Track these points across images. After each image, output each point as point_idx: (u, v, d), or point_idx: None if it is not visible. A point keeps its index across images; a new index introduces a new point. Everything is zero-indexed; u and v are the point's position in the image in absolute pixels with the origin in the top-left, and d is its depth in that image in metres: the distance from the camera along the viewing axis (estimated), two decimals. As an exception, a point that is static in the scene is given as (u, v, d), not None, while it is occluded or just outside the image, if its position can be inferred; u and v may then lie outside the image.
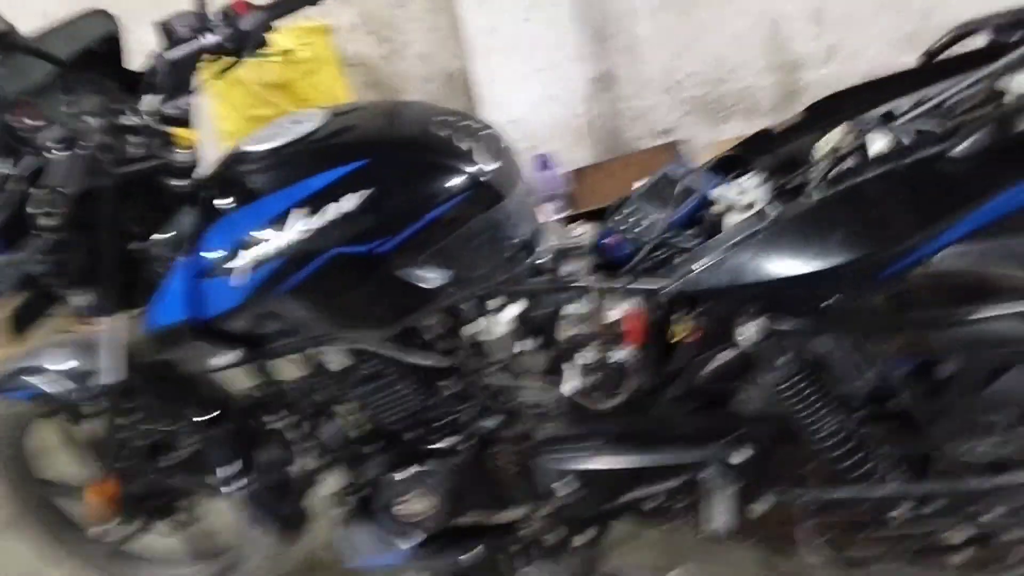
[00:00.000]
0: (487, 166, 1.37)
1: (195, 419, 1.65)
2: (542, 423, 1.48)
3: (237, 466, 1.65)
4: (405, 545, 1.62)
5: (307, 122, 1.39)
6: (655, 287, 1.31)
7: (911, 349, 1.31)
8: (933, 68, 1.34)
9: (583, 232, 1.46)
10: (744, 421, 1.40)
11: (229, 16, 1.41)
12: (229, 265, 1.34)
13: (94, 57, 1.46)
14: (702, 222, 1.38)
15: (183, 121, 1.43)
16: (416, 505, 1.57)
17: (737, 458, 1.39)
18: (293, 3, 1.52)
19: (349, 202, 1.30)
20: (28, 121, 1.33)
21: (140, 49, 1.43)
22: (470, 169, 1.35)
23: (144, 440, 1.70)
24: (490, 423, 1.51)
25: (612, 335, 1.35)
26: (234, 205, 1.35)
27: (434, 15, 3.02)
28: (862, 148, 1.21)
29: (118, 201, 1.36)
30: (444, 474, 1.54)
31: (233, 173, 1.40)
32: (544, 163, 3.05)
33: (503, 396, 1.50)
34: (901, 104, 1.28)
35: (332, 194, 1.30)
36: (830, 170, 1.22)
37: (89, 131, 1.29)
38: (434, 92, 3.21)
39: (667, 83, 3.06)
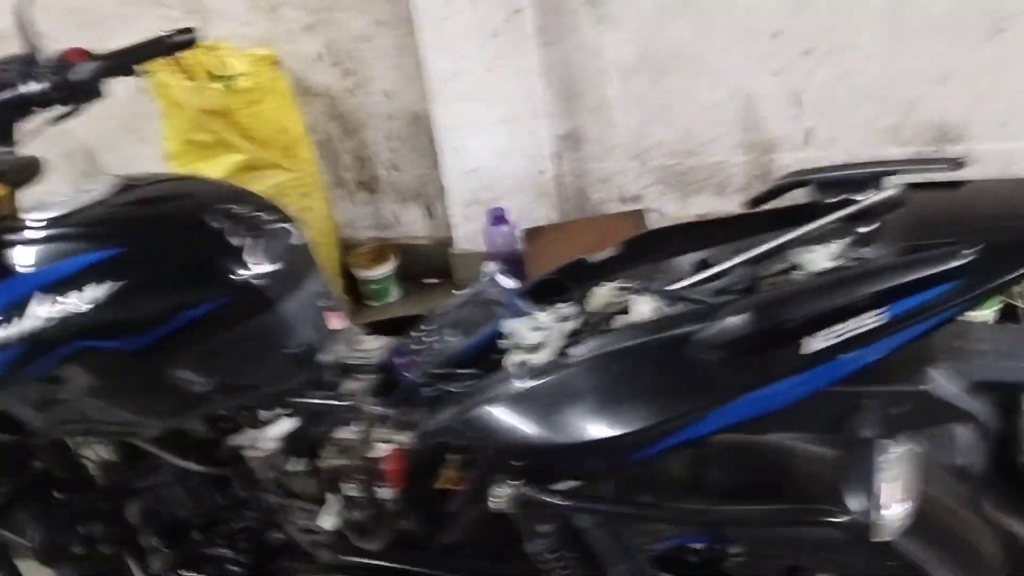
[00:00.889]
0: (258, 268, 1.24)
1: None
2: (317, 550, 1.34)
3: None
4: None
5: (92, 192, 1.28)
6: (413, 425, 1.17)
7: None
8: (757, 217, 1.18)
9: (376, 347, 1.33)
10: None
11: (61, 64, 1.32)
12: None
13: None
14: (488, 356, 1.22)
15: None
16: None
17: None
18: (136, 54, 1.40)
19: (94, 293, 1.18)
20: None
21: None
22: (236, 270, 1.23)
23: None
24: (273, 539, 1.38)
25: (375, 471, 1.20)
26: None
27: (399, 54, 2.88)
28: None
29: None
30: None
31: (6, 241, 1.28)
32: (497, 217, 2.91)
33: (278, 515, 1.36)
34: (715, 254, 1.14)
35: (77, 282, 1.19)
36: (594, 329, 1.11)
37: None
38: (398, 130, 3.08)
39: (636, 149, 2.89)
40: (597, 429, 1.01)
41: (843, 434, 0.97)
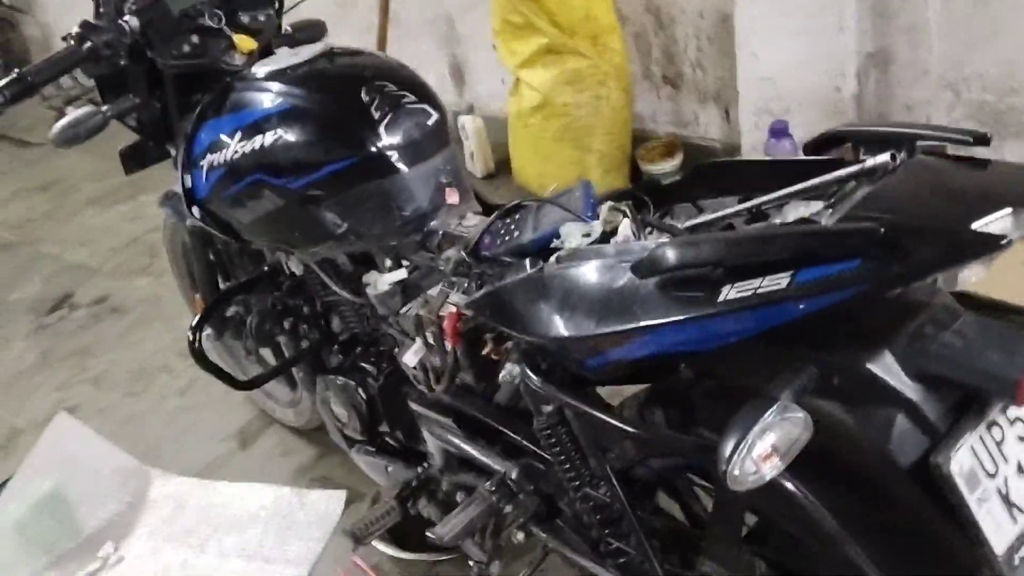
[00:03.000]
0: (390, 139, 1.45)
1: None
2: (414, 381, 1.57)
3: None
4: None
5: (295, 57, 1.55)
6: (457, 296, 1.33)
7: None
8: (805, 164, 1.11)
9: (474, 224, 1.46)
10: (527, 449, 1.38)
11: None
12: (202, 162, 1.57)
13: None
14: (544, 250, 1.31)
15: (253, 31, 1.70)
16: (338, 409, 1.77)
17: (514, 478, 1.38)
18: None
19: (267, 139, 1.47)
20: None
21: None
22: (370, 137, 1.44)
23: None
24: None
25: (441, 326, 1.37)
26: (216, 115, 1.58)
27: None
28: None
29: (176, 82, 1.69)
30: (354, 390, 1.70)
31: (229, 88, 1.60)
32: (778, 130, 2.82)
33: (395, 345, 1.63)
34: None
35: (259, 128, 1.48)
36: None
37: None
38: (707, 29, 3.05)
39: (950, 78, 2.61)
40: (554, 329, 1.09)
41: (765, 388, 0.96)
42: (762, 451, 0.90)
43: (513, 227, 1.40)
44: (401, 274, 1.54)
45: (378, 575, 1.98)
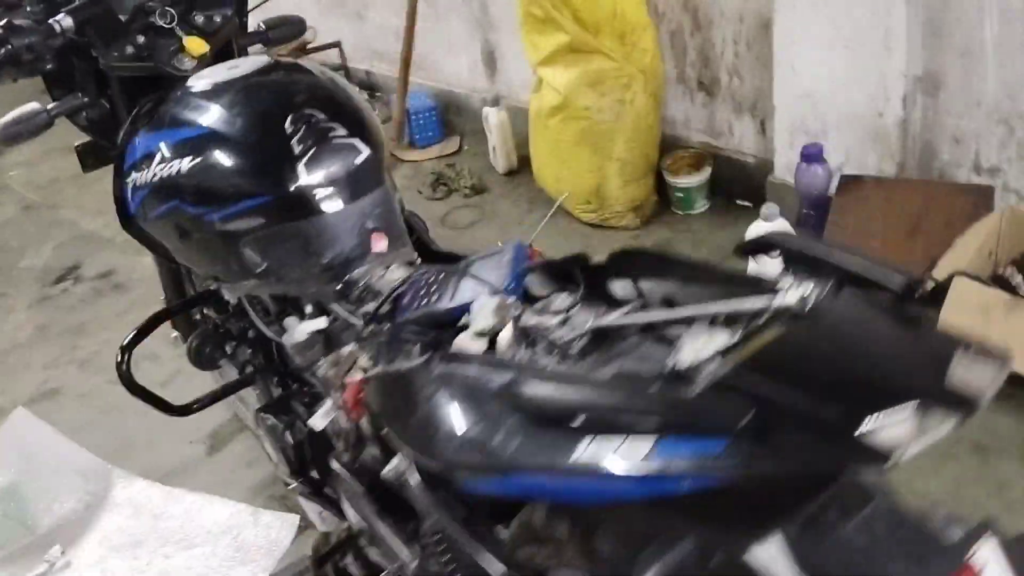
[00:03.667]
0: (309, 178, 1.30)
1: None
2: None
3: None
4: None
5: (233, 71, 1.43)
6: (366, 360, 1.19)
7: None
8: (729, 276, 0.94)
9: (399, 277, 1.31)
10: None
11: None
12: (129, 178, 1.45)
13: None
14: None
15: (208, 32, 1.56)
16: (268, 448, 1.71)
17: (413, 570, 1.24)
18: None
19: (185, 164, 1.34)
20: None
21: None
22: (288, 174, 1.30)
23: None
24: None
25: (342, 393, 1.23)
26: (145, 128, 1.45)
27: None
28: None
29: (123, 83, 1.60)
30: (282, 433, 1.58)
31: (163, 99, 1.47)
32: (811, 154, 2.59)
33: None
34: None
35: (180, 150, 1.35)
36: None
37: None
38: (746, 34, 2.80)
39: (1005, 111, 2.34)
40: (419, 443, 0.95)
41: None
42: None
43: (435, 288, 1.25)
44: (319, 324, 1.40)
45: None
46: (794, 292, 0.81)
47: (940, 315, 2.13)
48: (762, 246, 0.93)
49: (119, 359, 1.71)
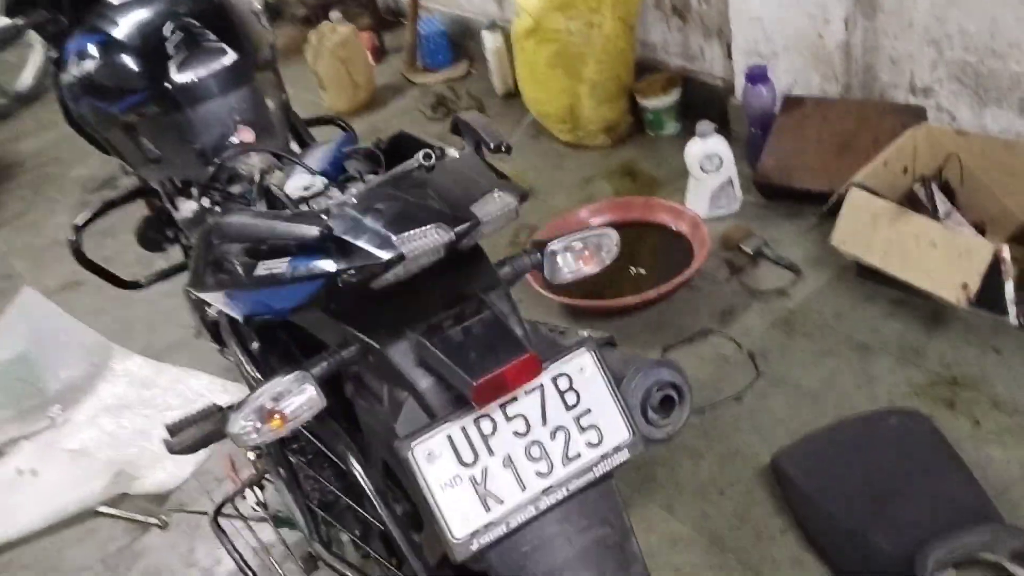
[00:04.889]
0: (178, 77, 1.52)
1: None
2: None
3: None
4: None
5: None
6: None
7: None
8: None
9: (254, 162, 1.53)
10: None
11: None
12: (61, 77, 1.71)
13: None
14: None
15: None
16: None
17: None
18: None
19: (90, 64, 1.59)
20: None
21: None
22: (161, 73, 1.52)
23: None
24: None
25: None
26: (73, 34, 1.68)
27: None
28: None
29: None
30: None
31: (89, 9, 1.70)
32: (755, 76, 2.71)
33: None
34: None
35: (88, 54, 1.59)
36: None
37: None
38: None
39: (933, 34, 2.41)
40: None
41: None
42: (262, 416, 0.98)
43: (276, 170, 1.48)
44: (203, 202, 1.64)
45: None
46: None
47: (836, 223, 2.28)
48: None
49: (72, 237, 1.99)
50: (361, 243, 0.93)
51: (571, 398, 1.01)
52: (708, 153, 2.64)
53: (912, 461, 1.75)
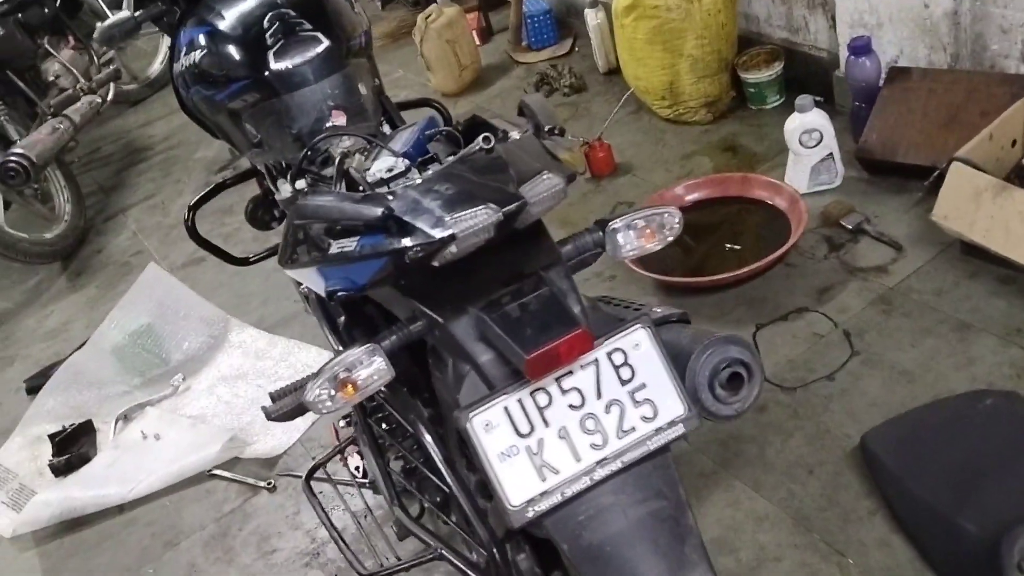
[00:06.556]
0: (276, 64, 1.62)
1: None
2: None
3: None
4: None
5: None
6: None
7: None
8: None
9: (348, 145, 1.60)
10: None
11: None
12: (174, 66, 1.85)
13: None
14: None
15: None
16: None
17: None
18: None
19: (197, 55, 1.71)
20: None
21: None
22: (261, 61, 1.62)
23: None
24: None
25: None
26: (184, 25, 1.80)
27: None
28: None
29: None
30: None
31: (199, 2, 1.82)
32: (859, 47, 2.64)
33: None
34: None
35: (195, 44, 1.72)
36: None
37: None
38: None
39: (1050, -1, 2.30)
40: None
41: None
42: (335, 385, 1.06)
43: (363, 152, 1.56)
44: (298, 184, 1.72)
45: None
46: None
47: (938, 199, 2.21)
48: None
49: (186, 216, 2.13)
50: (418, 223, 0.99)
51: (626, 373, 1.04)
52: (807, 127, 2.59)
53: (1006, 443, 1.71)
